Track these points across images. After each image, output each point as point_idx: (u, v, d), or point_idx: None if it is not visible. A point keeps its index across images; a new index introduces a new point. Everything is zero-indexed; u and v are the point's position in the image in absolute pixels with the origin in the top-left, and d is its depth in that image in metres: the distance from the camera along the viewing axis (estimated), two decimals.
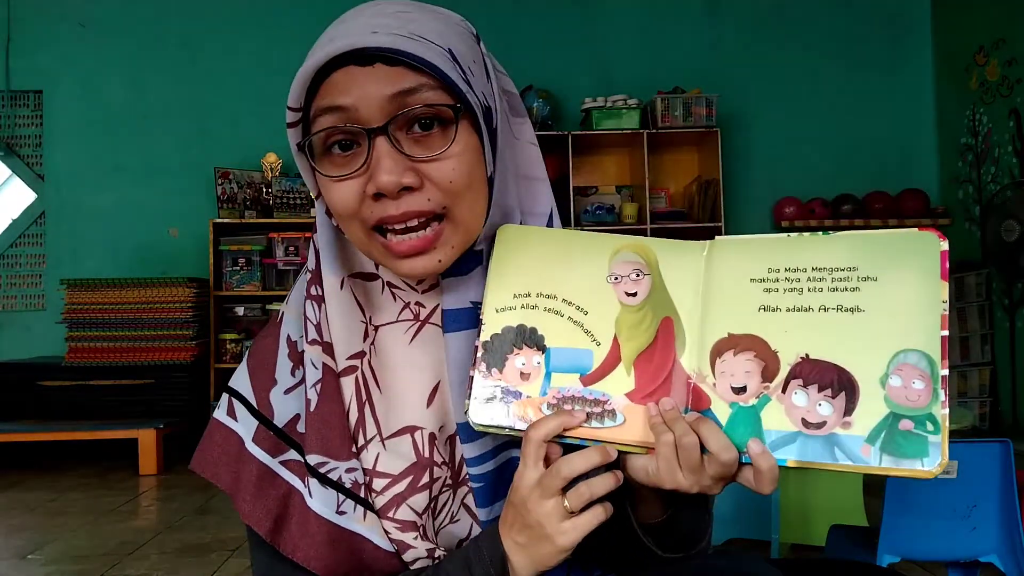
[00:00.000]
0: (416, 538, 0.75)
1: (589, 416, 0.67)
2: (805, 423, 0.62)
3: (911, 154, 4.96)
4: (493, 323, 0.69)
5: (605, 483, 0.65)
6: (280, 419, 0.77)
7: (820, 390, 0.62)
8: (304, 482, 0.75)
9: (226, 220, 4.43)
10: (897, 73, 4.98)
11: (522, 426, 0.67)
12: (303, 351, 0.77)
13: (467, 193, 0.69)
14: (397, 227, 0.68)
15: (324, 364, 0.75)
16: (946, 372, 0.59)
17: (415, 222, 0.68)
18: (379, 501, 0.75)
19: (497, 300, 0.70)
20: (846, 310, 0.63)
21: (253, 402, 0.78)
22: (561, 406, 0.67)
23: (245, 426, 0.77)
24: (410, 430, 0.75)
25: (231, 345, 4.38)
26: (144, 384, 4.18)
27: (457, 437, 0.76)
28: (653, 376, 0.66)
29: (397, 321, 0.76)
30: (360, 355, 0.76)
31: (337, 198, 0.69)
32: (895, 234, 0.63)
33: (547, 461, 0.67)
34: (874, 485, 2.38)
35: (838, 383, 0.62)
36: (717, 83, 4.74)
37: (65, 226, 4.77)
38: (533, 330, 0.69)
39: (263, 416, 0.77)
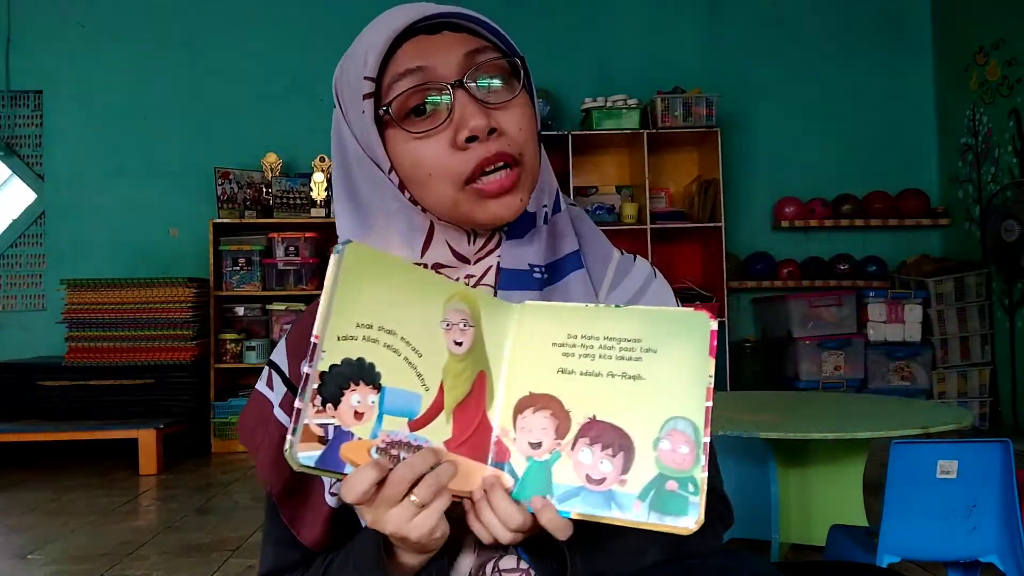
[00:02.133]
0: None
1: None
2: (588, 479, 0.67)
3: (911, 154, 4.97)
4: (333, 352, 0.65)
5: (448, 470, 0.65)
6: None
7: (603, 449, 0.67)
8: None
9: (226, 220, 4.44)
10: (897, 73, 4.99)
11: (348, 470, 0.64)
12: None
13: (530, 142, 0.77)
14: (488, 169, 0.74)
15: None
16: (708, 439, 0.65)
17: (501, 163, 0.74)
18: None
19: (340, 327, 0.65)
20: (629, 377, 0.68)
21: (287, 372, 0.82)
22: (388, 451, 0.65)
23: (278, 394, 0.82)
24: None
25: (231, 345, 4.38)
26: (144, 384, 4.18)
27: None
28: (466, 427, 0.69)
29: None
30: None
31: (426, 154, 0.74)
32: (675, 311, 0.69)
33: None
34: (874, 485, 2.38)
35: (618, 444, 0.67)
36: (717, 83, 4.74)
37: (65, 226, 4.77)
38: (371, 366, 0.66)
39: (292, 384, 0.81)
